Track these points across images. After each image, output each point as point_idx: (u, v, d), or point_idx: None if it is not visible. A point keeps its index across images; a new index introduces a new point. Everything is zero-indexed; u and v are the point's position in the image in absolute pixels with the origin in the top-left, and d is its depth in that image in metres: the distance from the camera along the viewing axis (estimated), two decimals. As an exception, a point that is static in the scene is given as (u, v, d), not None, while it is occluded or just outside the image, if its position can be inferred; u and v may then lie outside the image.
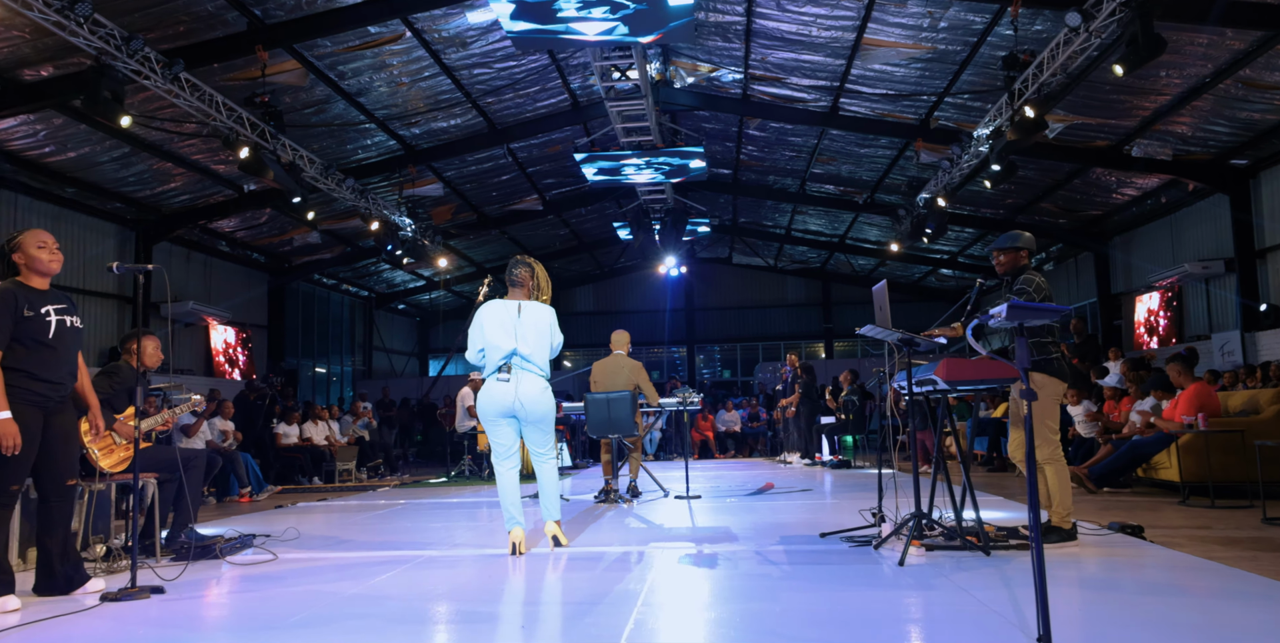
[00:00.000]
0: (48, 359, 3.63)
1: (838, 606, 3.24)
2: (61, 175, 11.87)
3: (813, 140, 14.87)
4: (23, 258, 3.70)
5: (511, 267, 4.73)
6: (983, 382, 4.23)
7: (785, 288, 24.57)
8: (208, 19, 9.48)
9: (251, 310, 16.67)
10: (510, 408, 4.51)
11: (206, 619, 3.30)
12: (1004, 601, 3.19)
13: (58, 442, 3.67)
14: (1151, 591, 3.45)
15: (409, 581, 3.96)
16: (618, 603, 3.34)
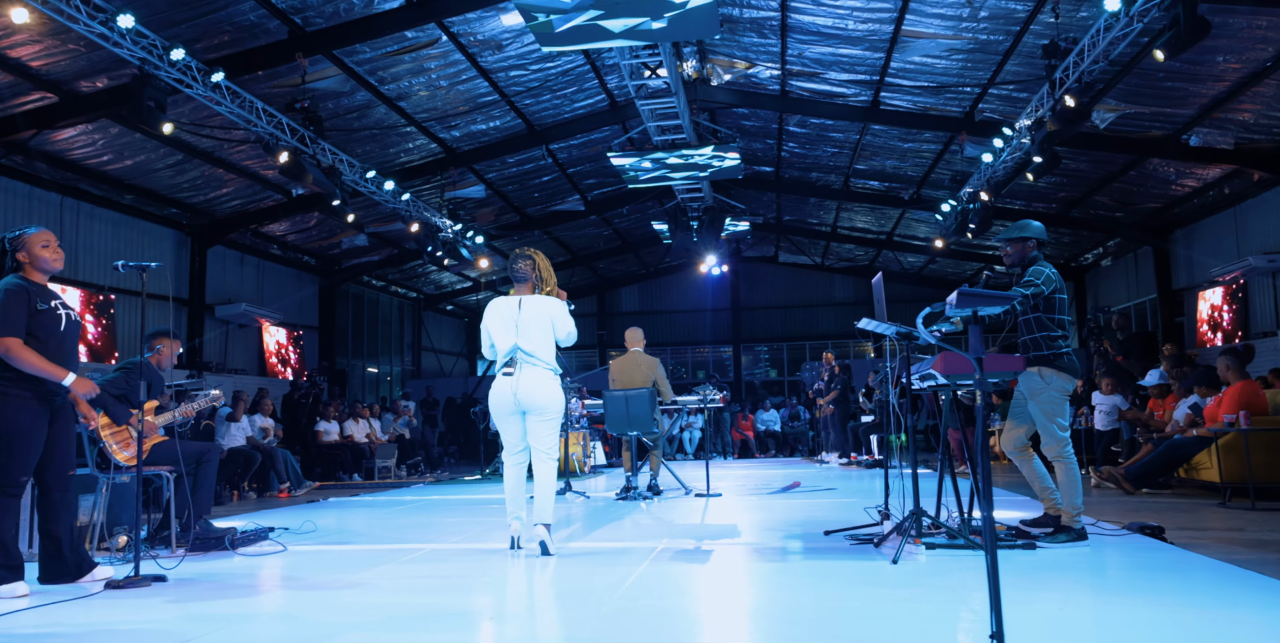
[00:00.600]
0: (59, 352, 3.78)
1: (807, 601, 3.23)
2: (120, 183, 12.32)
3: (854, 136, 14.68)
4: (27, 256, 3.85)
5: (512, 262, 4.77)
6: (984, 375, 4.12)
7: (833, 286, 24.28)
8: (251, 28, 9.75)
9: (303, 312, 17.10)
10: (514, 403, 4.52)
11: (195, 606, 3.40)
12: (979, 599, 3.12)
13: (60, 435, 3.82)
14: (1132, 591, 3.36)
15: (398, 573, 4.04)
16: (588, 598, 3.37)
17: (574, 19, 8.03)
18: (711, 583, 3.67)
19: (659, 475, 7.34)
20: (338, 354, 17.86)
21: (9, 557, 3.60)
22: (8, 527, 3.61)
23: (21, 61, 9.21)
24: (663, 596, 3.43)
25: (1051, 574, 3.65)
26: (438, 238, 13.41)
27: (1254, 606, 3.02)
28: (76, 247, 12.16)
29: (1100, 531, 4.67)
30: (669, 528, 5.46)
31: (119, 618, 3.20)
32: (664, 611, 3.19)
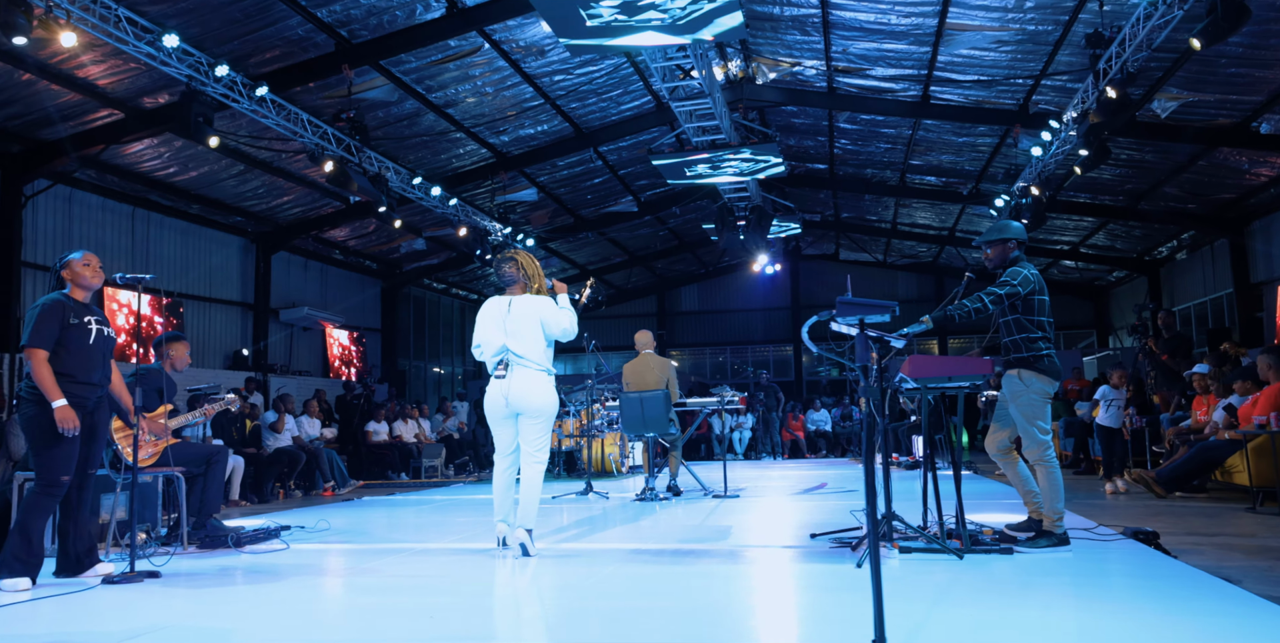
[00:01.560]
0: (87, 363, 4.10)
1: (720, 604, 3.28)
2: (187, 193, 12.94)
3: (906, 131, 14.44)
4: (70, 274, 4.25)
5: (498, 264, 4.79)
6: (950, 378, 4.07)
7: (896, 284, 23.85)
8: (299, 42, 10.13)
9: (365, 314, 17.65)
10: (506, 406, 4.55)
11: (177, 602, 3.61)
12: (910, 604, 3.12)
13: (91, 438, 4.13)
14: (1080, 598, 3.29)
15: (372, 573, 4.20)
16: (531, 599, 3.50)
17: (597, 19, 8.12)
18: (655, 586, 3.70)
19: (679, 476, 7.37)
20: (399, 355, 18.37)
21: (30, 552, 3.87)
22: (37, 523, 3.91)
23: (90, 81, 9.77)
24: (601, 597, 3.50)
25: (1008, 581, 3.59)
26: (487, 241, 13.68)
27: (1202, 615, 2.93)
28: (147, 255, 12.83)
29: (1093, 536, 4.55)
30: (662, 531, 5.49)
31: (96, 613, 3.44)
32: (582, 612, 3.28)
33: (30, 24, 6.46)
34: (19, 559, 3.84)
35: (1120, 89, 8.46)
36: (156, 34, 7.76)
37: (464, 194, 15.05)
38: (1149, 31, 7.98)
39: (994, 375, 4.57)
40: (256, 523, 5.74)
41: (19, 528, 3.86)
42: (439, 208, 13.11)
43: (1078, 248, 19.36)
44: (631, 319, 24.56)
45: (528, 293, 4.71)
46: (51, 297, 4.17)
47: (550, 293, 4.74)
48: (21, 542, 3.84)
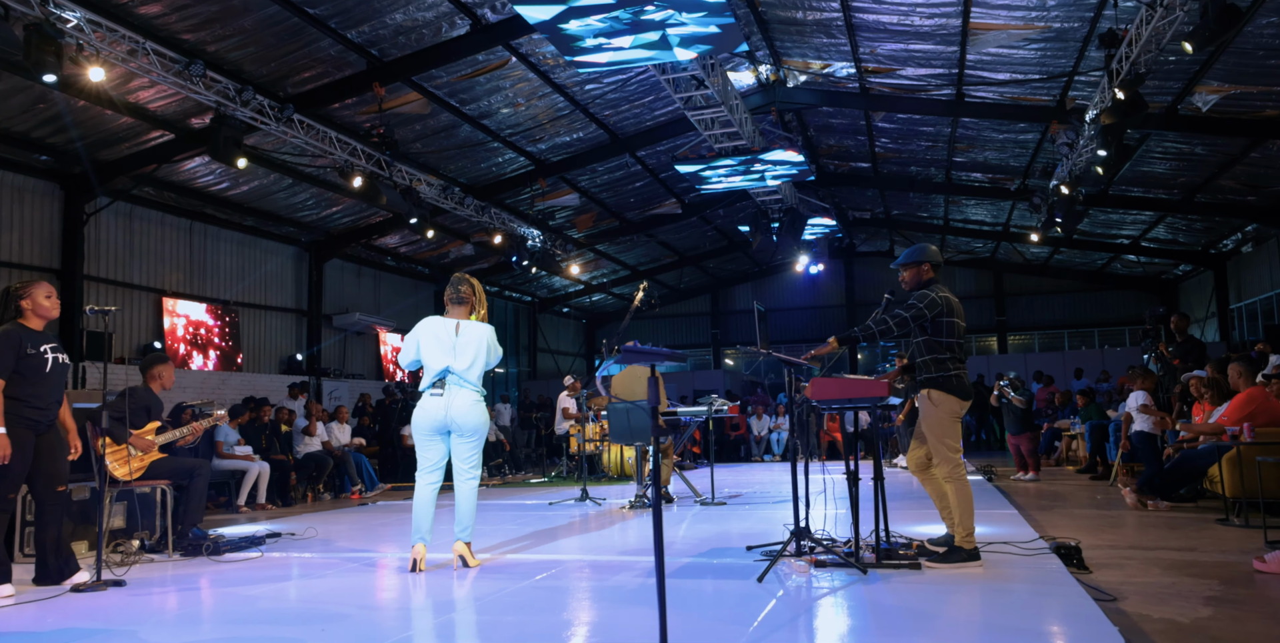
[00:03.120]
0: (41, 390, 4.34)
1: (566, 619, 3.45)
2: (241, 206, 13.64)
3: (946, 129, 14.25)
4: (30, 304, 4.42)
5: (454, 285, 4.90)
6: (849, 401, 4.13)
7: (953, 280, 23.37)
8: (333, 62, 10.59)
9: (418, 318, 18.13)
10: (442, 422, 4.64)
11: (128, 609, 3.92)
12: (732, 619, 3.20)
13: (46, 456, 4.40)
14: (896, 618, 3.36)
15: (312, 584, 4.46)
16: (424, 612, 3.72)
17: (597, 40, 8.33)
18: (553, 601, 3.87)
19: (671, 483, 7.53)
20: (451, 357, 18.91)
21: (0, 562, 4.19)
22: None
23: (141, 105, 10.43)
24: (495, 611, 3.70)
25: (869, 600, 3.67)
26: (524, 247, 14.02)
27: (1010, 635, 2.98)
28: (204, 265, 13.57)
29: (1016, 550, 4.55)
30: (613, 542, 5.62)
31: (61, 615, 3.83)
32: (465, 625, 3.51)
33: (60, 61, 6.97)
34: None
35: (1130, 89, 8.25)
36: (184, 64, 8.25)
37: (507, 200, 15.45)
38: (1152, 32, 7.77)
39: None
40: (251, 530, 6.13)
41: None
42: (474, 217, 13.50)
43: (1138, 242, 18.71)
44: (685, 318, 24.73)
45: (473, 316, 4.87)
46: (5, 328, 4.34)
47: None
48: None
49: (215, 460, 8.26)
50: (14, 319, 4.40)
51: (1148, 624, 3.10)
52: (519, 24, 10.48)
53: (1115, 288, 21.97)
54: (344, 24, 9.90)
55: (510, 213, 15.19)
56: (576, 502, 7.76)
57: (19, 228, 11.01)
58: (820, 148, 16.37)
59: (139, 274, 12.55)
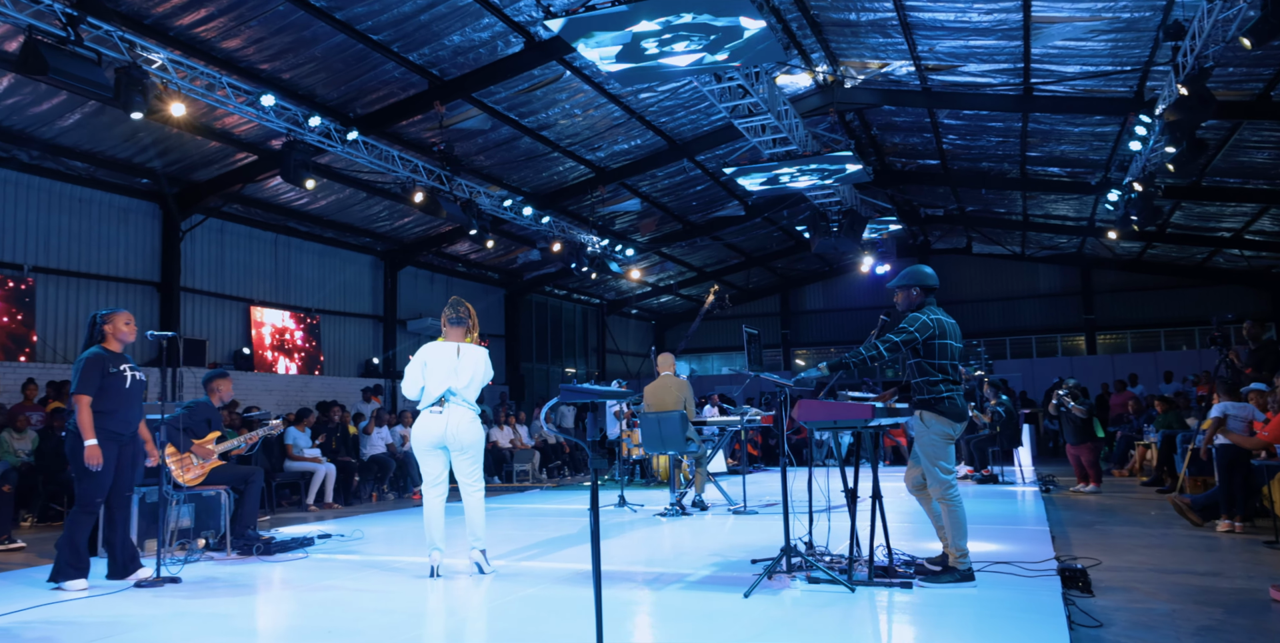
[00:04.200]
0: (122, 405, 4.88)
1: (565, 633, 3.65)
2: (321, 220, 14.36)
3: (1016, 124, 13.93)
4: (112, 329, 4.99)
5: (453, 308, 5.21)
6: (835, 422, 4.22)
7: (1036, 277, 22.70)
8: (398, 83, 11.09)
9: (489, 321, 18.82)
10: (441, 438, 4.90)
11: (179, 602, 4.41)
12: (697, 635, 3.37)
13: (125, 466, 4.95)
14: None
15: (337, 586, 4.83)
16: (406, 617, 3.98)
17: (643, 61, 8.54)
18: (549, 609, 4.12)
19: (705, 491, 7.67)
20: (522, 360, 19.44)
21: (79, 559, 4.76)
22: (82, 536, 4.79)
23: (228, 129, 11.15)
24: (499, 618, 3.98)
25: (845, 618, 3.75)
26: (584, 254, 14.33)
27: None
28: (288, 275, 14.35)
29: (1019, 570, 4.54)
30: (627, 551, 5.81)
31: (116, 611, 4.29)
32: (460, 632, 3.77)
33: (146, 99, 7.58)
34: (72, 566, 4.74)
35: (1195, 85, 7.98)
36: (255, 95, 8.82)
37: (570, 207, 15.80)
38: (1215, 25, 7.53)
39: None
40: (305, 531, 6.59)
41: (67, 541, 4.76)
42: (533, 225, 13.88)
43: (1240, 235, 17.83)
44: (755, 319, 24.69)
45: (468, 339, 5.16)
46: (93, 350, 4.92)
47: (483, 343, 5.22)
48: (71, 552, 4.74)
49: (286, 462, 8.84)
50: (99, 342, 4.94)
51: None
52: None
53: (1218, 283, 20.83)
54: (406, 47, 10.36)
55: (570, 219, 15.53)
56: (615, 508, 8.00)
57: (124, 245, 11.89)
58: (885, 146, 16.19)
59: (230, 285, 13.37)
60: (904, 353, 4.49)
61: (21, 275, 10.48)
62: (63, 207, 11.08)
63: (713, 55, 8.44)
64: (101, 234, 11.55)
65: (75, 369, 4.84)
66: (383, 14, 9.59)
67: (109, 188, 11.56)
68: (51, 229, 10.94)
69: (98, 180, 11.35)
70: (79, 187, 11.22)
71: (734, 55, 8.47)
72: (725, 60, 8.60)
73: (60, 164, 10.82)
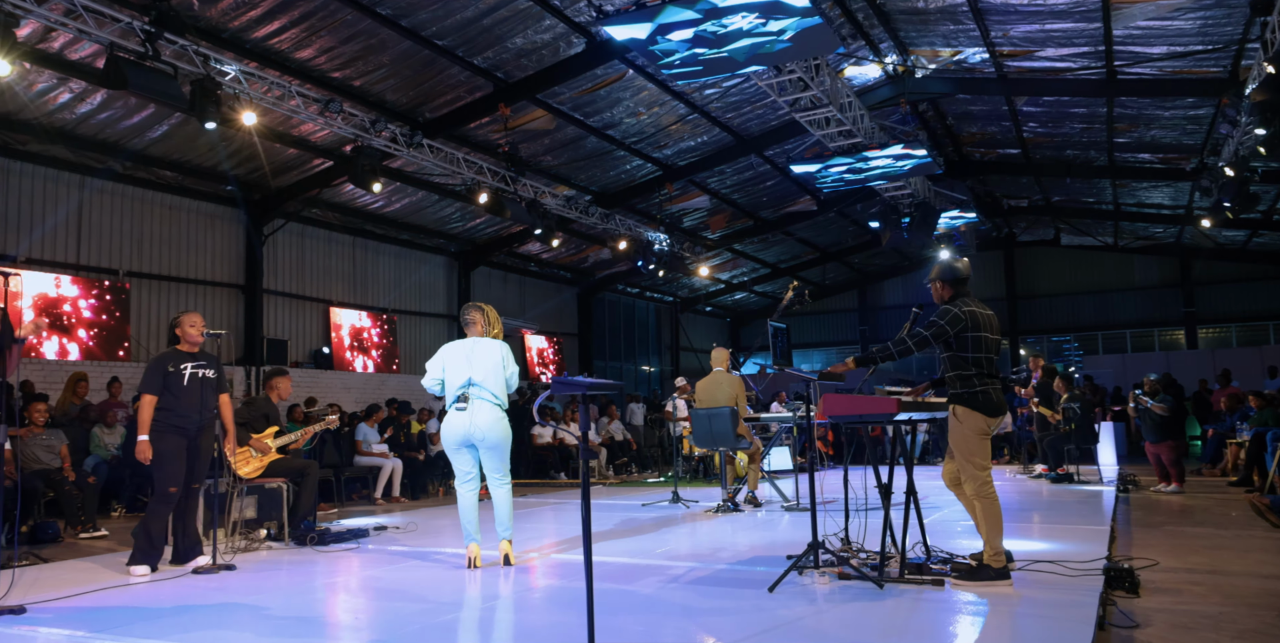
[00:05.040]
0: (182, 401, 5.14)
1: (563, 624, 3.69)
2: (396, 222, 14.79)
3: (1101, 109, 13.37)
4: (181, 332, 5.28)
5: (464, 312, 5.37)
6: (860, 417, 4.10)
7: (1131, 269, 21.69)
8: (464, 86, 11.32)
9: (562, 320, 19.06)
10: (467, 436, 4.97)
11: (232, 588, 4.65)
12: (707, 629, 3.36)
13: (195, 457, 5.19)
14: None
15: (378, 575, 4.99)
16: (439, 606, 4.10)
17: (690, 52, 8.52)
18: (563, 600, 4.16)
19: (759, 488, 7.60)
20: (595, 358, 19.60)
21: (152, 546, 5.03)
22: (157, 524, 5.05)
23: (304, 137, 11.58)
24: (511, 610, 4.06)
25: (848, 616, 3.68)
26: (651, 251, 14.37)
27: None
28: (365, 277, 14.81)
29: (1060, 571, 4.36)
30: (664, 544, 5.82)
31: (172, 593, 4.57)
32: (468, 622, 3.86)
33: (219, 109, 7.95)
34: (143, 552, 5.03)
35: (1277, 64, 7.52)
36: (323, 102, 9.14)
37: (639, 206, 15.85)
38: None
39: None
40: (362, 523, 6.84)
41: (143, 528, 5.05)
42: (599, 224, 13.97)
43: (1358, 221, 16.73)
44: (833, 315, 24.32)
45: (489, 335, 5.27)
46: (163, 352, 5.28)
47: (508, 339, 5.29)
48: (145, 539, 5.03)
49: (355, 457, 9.14)
50: (174, 344, 5.29)
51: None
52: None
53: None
54: (470, 52, 10.57)
55: (638, 218, 15.58)
56: (670, 504, 8.01)
57: (210, 250, 12.47)
58: (962, 136, 15.73)
59: (310, 287, 13.88)
60: (935, 347, 4.37)
61: (118, 279, 11.11)
62: (155, 214, 11.69)
63: (768, 47, 8.35)
64: (190, 239, 12.14)
65: (145, 371, 5.17)
66: (446, 19, 9.80)
67: (196, 195, 12.14)
68: (144, 235, 11.55)
69: (186, 188, 11.93)
70: (169, 195, 11.82)
71: (786, 54, 8.37)
72: (780, 52, 8.48)
73: (151, 174, 11.43)
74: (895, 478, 4.42)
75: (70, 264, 10.70)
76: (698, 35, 7.72)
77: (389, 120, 10.38)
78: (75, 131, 10.14)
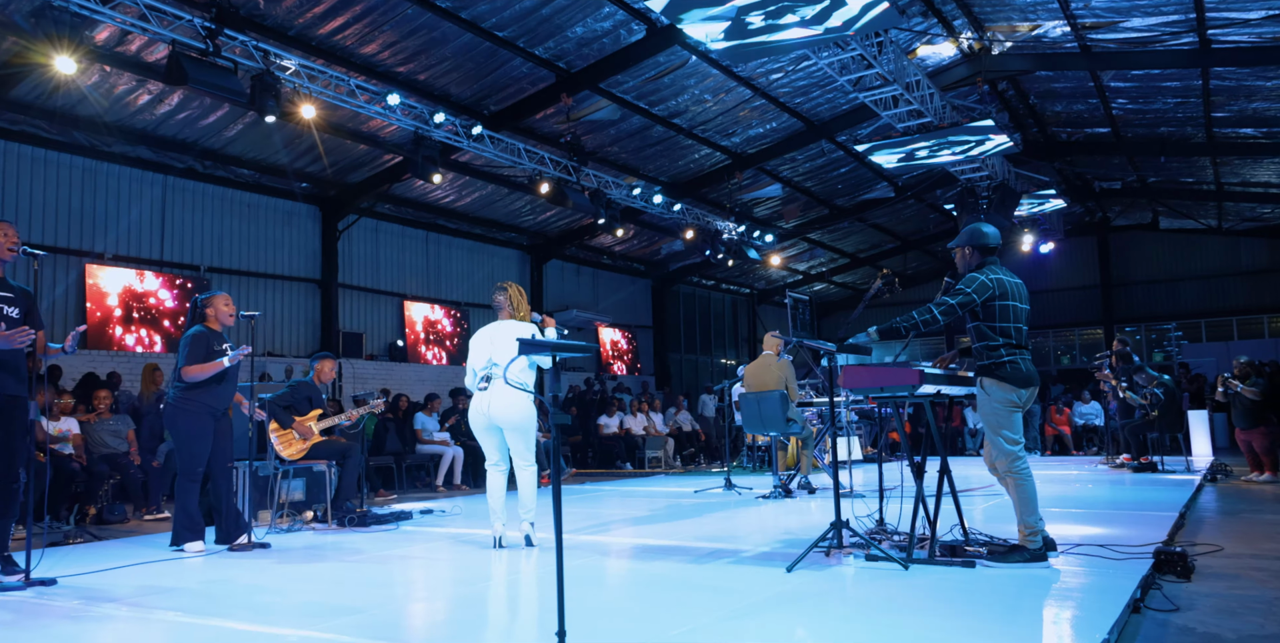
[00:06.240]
0: (219, 382, 5.23)
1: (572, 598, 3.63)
2: (468, 216, 15.02)
3: (1195, 81, 12.60)
4: (213, 312, 5.38)
5: (494, 294, 5.31)
6: (882, 389, 3.87)
7: (1237, 252, 20.41)
8: (526, 78, 11.39)
9: (636, 313, 19.03)
10: (487, 417, 4.97)
11: (262, 566, 4.73)
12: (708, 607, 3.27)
13: (221, 438, 5.27)
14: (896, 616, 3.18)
15: (408, 554, 5.04)
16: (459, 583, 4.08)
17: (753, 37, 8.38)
18: (576, 577, 4.05)
19: (812, 473, 7.39)
20: (669, 350, 19.52)
21: (193, 523, 5.14)
22: (191, 501, 5.15)
23: (373, 132, 11.85)
24: (523, 586, 4.02)
25: (885, 596, 3.51)
26: (719, 240, 14.20)
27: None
28: (438, 271, 15.10)
29: (1106, 554, 4.09)
30: (700, 528, 5.71)
31: (194, 569, 4.70)
32: (469, 597, 3.86)
33: (279, 103, 8.18)
34: (187, 529, 5.14)
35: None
36: (382, 94, 9.32)
37: (710, 195, 15.69)
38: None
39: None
40: (410, 507, 6.96)
41: (180, 507, 5.17)
42: (665, 214, 13.88)
43: None
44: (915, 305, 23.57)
45: (514, 318, 5.20)
46: (196, 329, 5.32)
47: (538, 325, 5.21)
48: (184, 517, 5.14)
49: (416, 445, 9.30)
50: (201, 322, 5.35)
51: (1179, 637, 2.75)
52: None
53: None
54: (531, 42, 10.62)
55: (707, 207, 15.42)
56: (724, 490, 7.88)
57: (288, 246, 12.90)
58: (1046, 116, 15.05)
59: (384, 281, 14.22)
60: (960, 317, 4.13)
61: (199, 275, 11.60)
62: (233, 211, 12.15)
63: (823, 24, 8.13)
64: (268, 236, 12.58)
65: (182, 344, 5.23)
66: (505, 10, 9.87)
67: (273, 193, 12.56)
68: (224, 232, 12.02)
69: (263, 186, 12.36)
70: (247, 192, 12.27)
71: (847, 24, 8.13)
72: (839, 28, 8.25)
73: (230, 172, 11.88)
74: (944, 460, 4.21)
75: (154, 261, 11.21)
76: (763, 17, 7.59)
77: (454, 113, 10.51)
78: (156, 133, 10.61)
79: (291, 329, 12.81)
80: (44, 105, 9.59)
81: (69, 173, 10.43)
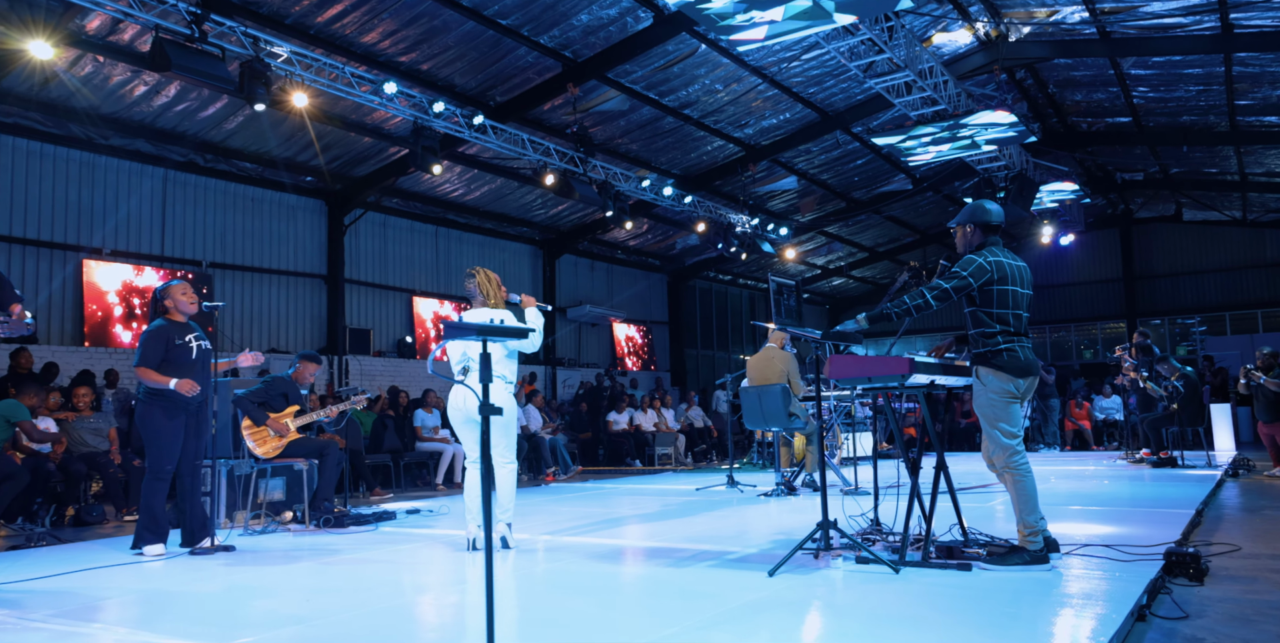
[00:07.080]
0: (188, 375, 4.98)
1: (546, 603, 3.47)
2: (478, 211, 14.85)
3: (1218, 68, 12.23)
4: (172, 303, 5.11)
5: (465, 280, 5.10)
6: (870, 379, 3.64)
7: (1263, 244, 19.92)
8: (532, 67, 11.20)
9: (652, 308, 18.80)
10: (464, 411, 4.81)
11: (217, 571, 4.51)
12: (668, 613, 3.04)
13: (192, 435, 5.08)
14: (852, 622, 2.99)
15: (370, 556, 4.84)
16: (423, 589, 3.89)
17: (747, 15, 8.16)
18: (555, 581, 3.93)
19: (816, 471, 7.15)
20: (686, 346, 19.29)
21: (156, 525, 4.93)
22: (157, 501, 4.94)
23: (378, 124, 11.71)
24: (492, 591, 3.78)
25: (842, 601, 3.33)
26: (732, 234, 13.96)
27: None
28: (449, 266, 14.93)
29: (1114, 555, 3.83)
30: (689, 529, 5.50)
31: (136, 576, 4.49)
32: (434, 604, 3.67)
33: (269, 91, 8.02)
34: (149, 530, 4.93)
35: None
36: (378, 83, 9.14)
37: (724, 188, 15.44)
38: None
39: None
40: (397, 507, 6.78)
41: (144, 508, 4.95)
42: (675, 206, 13.65)
43: None
44: (937, 300, 23.23)
45: (486, 306, 5.00)
46: (156, 323, 5.05)
47: (515, 307, 5.00)
48: (147, 518, 4.93)
49: (416, 443, 9.13)
50: (163, 315, 5.13)
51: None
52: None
53: None
54: (535, 31, 10.42)
55: (721, 200, 15.17)
56: (726, 488, 7.66)
57: (293, 241, 12.78)
58: (1066, 105, 14.69)
59: (392, 276, 14.07)
60: (955, 301, 3.90)
61: (201, 271, 11.49)
62: (236, 205, 12.03)
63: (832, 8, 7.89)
64: (272, 230, 12.45)
65: (140, 342, 4.99)
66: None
67: (277, 187, 12.43)
68: (227, 227, 11.90)
69: (266, 180, 12.23)
70: (250, 186, 12.14)
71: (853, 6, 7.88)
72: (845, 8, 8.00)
73: (232, 166, 11.76)
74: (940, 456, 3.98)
75: (153, 256, 11.09)
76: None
77: (459, 104, 10.32)
78: (154, 125, 10.49)
79: (297, 325, 12.68)
80: (38, 97, 9.49)
81: (65, 166, 10.34)
